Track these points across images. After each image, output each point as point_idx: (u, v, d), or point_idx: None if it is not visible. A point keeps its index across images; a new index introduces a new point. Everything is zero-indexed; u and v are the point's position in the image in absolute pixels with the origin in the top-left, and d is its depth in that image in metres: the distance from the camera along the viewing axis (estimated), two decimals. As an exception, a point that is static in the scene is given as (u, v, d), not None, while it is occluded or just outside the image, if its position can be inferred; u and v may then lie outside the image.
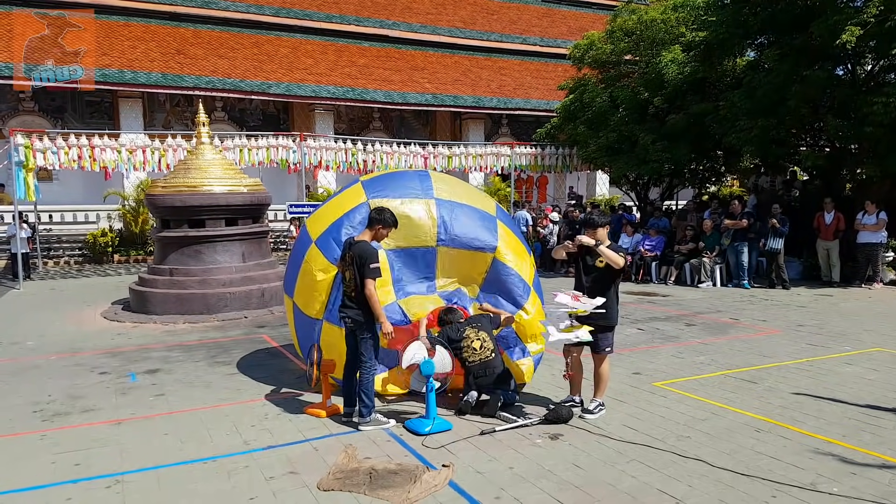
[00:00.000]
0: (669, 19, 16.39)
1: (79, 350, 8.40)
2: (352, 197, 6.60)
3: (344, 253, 5.58)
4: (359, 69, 24.90)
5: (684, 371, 7.03)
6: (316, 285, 6.17)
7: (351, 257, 5.40)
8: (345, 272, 5.52)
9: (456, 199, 6.55)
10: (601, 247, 5.46)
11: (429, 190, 6.51)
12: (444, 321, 5.89)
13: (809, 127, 14.14)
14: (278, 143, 18.82)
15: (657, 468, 4.53)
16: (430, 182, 6.64)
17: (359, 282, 5.33)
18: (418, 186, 6.55)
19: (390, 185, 6.60)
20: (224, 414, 5.80)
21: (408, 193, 6.45)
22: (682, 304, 11.34)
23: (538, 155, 22.30)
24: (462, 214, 6.39)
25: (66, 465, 4.73)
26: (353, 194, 6.65)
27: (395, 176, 7.02)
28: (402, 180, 6.73)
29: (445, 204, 6.41)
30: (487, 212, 6.65)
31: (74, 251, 19.06)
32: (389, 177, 7.02)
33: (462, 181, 7.62)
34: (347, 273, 5.47)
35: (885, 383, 6.48)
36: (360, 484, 4.29)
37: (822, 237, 13.18)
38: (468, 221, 6.36)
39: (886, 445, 4.88)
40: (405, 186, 6.55)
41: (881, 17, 11.33)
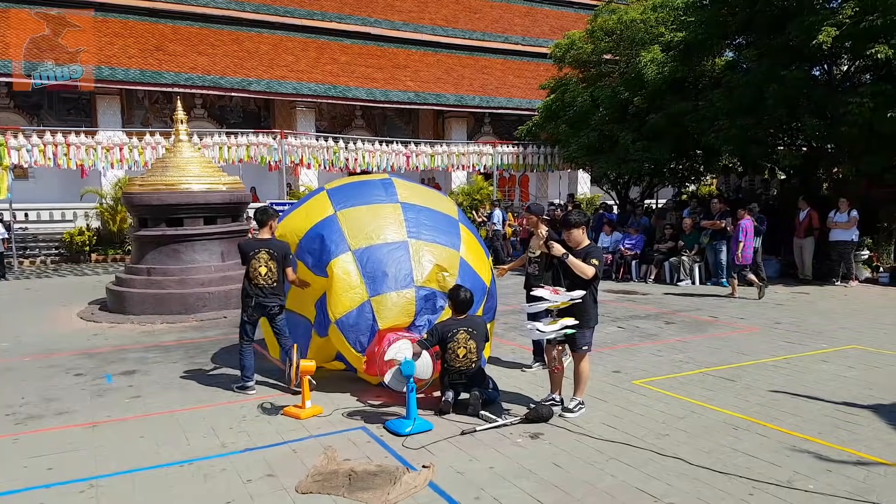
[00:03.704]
0: (649, 19, 16.50)
1: (54, 351, 8.27)
2: (319, 207, 6.72)
3: (256, 253, 6.29)
4: (341, 67, 24.78)
5: (663, 369, 7.07)
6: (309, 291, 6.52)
7: (271, 254, 6.27)
8: (261, 268, 6.28)
9: (420, 203, 6.77)
10: (570, 258, 5.44)
11: (393, 196, 6.72)
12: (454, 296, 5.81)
13: (787, 127, 14.29)
14: (259, 141, 18.71)
15: (636, 467, 4.55)
16: (394, 189, 6.85)
17: (281, 272, 6.29)
18: (383, 193, 6.77)
19: (356, 194, 6.78)
20: (201, 416, 5.74)
21: (374, 200, 6.66)
22: (662, 302, 11.42)
23: (520, 154, 22.38)
24: (427, 217, 6.57)
25: (39, 469, 4.65)
26: (319, 205, 6.77)
27: (360, 184, 7.16)
28: (367, 188, 6.92)
29: (411, 207, 6.61)
30: (450, 215, 6.87)
31: (51, 250, 18.77)
32: (354, 186, 7.14)
33: (424, 187, 7.82)
34: (263, 269, 6.28)
35: (860, 381, 6.56)
36: (339, 486, 4.26)
37: (796, 235, 13.37)
38: (434, 224, 6.54)
39: (862, 443, 4.94)
40: (370, 194, 6.76)
41: (856, 19, 11.47)
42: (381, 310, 5.97)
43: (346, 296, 5.99)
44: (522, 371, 7.06)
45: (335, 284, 6.04)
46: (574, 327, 5.44)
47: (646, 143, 15.79)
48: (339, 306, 5.99)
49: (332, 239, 6.30)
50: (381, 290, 6.01)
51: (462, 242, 6.54)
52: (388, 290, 6.01)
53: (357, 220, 6.42)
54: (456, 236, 6.55)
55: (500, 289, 12.63)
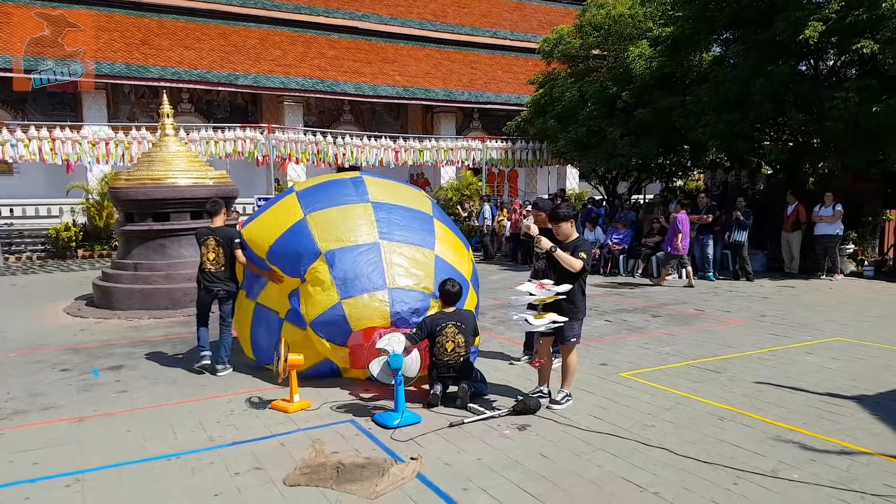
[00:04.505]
0: (637, 14, 16.53)
1: (40, 347, 8.21)
2: (288, 211, 6.66)
3: (205, 240, 6.76)
4: (328, 61, 24.68)
5: (650, 361, 7.12)
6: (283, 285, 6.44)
7: (217, 240, 6.70)
8: (209, 254, 6.72)
9: (392, 201, 6.72)
10: (557, 251, 5.46)
11: (364, 195, 6.66)
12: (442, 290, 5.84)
13: (773, 122, 14.39)
14: (246, 136, 18.61)
15: (622, 457, 4.58)
16: (364, 187, 6.78)
17: (228, 258, 6.68)
18: (353, 193, 6.71)
19: (326, 196, 6.71)
20: (188, 410, 5.72)
21: (344, 201, 6.59)
22: (649, 295, 11.48)
23: (509, 149, 22.37)
24: (399, 216, 6.52)
25: (24, 463, 4.62)
26: (288, 208, 6.71)
27: (330, 184, 7.07)
28: (337, 188, 6.85)
29: (382, 206, 6.56)
30: (424, 211, 6.81)
31: (37, 246, 18.60)
32: (324, 186, 7.04)
33: (397, 183, 7.65)
34: (212, 254, 6.71)
35: (844, 372, 6.63)
36: (327, 478, 4.27)
37: (783, 229, 13.48)
38: (406, 223, 6.49)
39: (845, 432, 5.00)
40: (341, 194, 6.69)
41: (842, 14, 11.55)
42: (352, 312, 5.92)
43: (318, 298, 5.98)
44: (510, 364, 7.09)
45: (307, 287, 6.05)
46: (562, 321, 5.47)
47: (633, 139, 15.85)
48: (312, 308, 5.99)
49: (303, 244, 6.26)
50: (352, 292, 5.96)
51: (437, 240, 6.49)
52: (360, 293, 5.96)
53: (327, 223, 6.36)
54: (430, 234, 6.50)
55: (488, 283, 12.75)
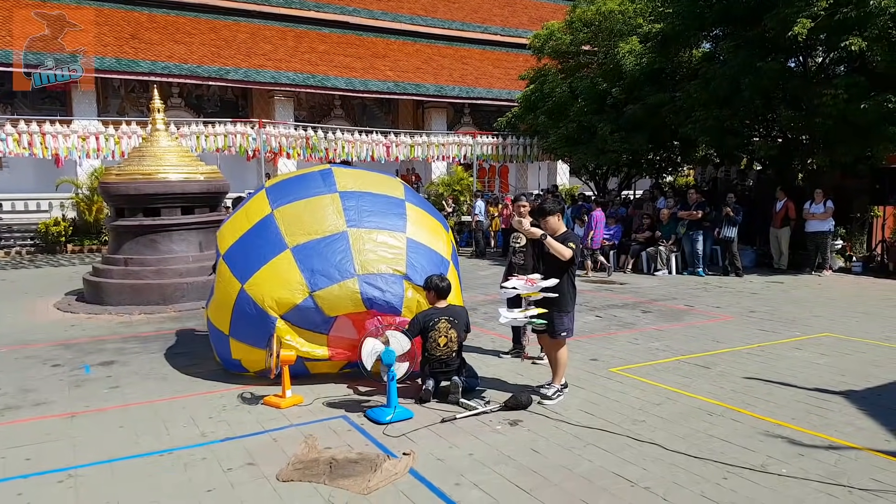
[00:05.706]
0: (627, 10, 16.58)
1: (31, 342, 8.17)
2: (257, 208, 6.65)
3: None
4: (319, 56, 24.60)
5: (640, 357, 7.17)
6: (224, 300, 6.24)
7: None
8: None
9: (361, 188, 6.73)
10: (548, 239, 5.49)
11: (332, 186, 6.68)
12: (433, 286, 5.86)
13: (762, 118, 14.48)
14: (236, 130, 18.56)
15: (613, 452, 4.62)
16: (332, 178, 6.79)
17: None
18: (321, 184, 6.72)
19: (294, 189, 6.72)
20: (181, 406, 5.72)
21: (312, 193, 6.59)
22: (639, 291, 11.54)
23: (500, 145, 22.42)
24: (368, 202, 6.53)
25: (16, 459, 4.62)
26: (257, 205, 6.70)
27: (299, 178, 7.08)
28: (306, 181, 6.86)
29: (350, 195, 6.57)
30: (395, 196, 6.82)
31: (26, 241, 18.48)
32: (293, 181, 7.07)
33: (368, 172, 7.62)
34: None
35: (832, 367, 6.71)
36: (319, 474, 4.29)
37: (773, 225, 13.59)
38: (375, 208, 6.50)
39: (833, 427, 5.06)
40: (308, 187, 6.71)
41: (831, 11, 11.62)
42: (324, 304, 5.92)
43: (286, 292, 5.92)
44: (499, 357, 7.13)
45: (275, 282, 5.98)
46: (546, 317, 5.50)
47: (624, 134, 15.91)
48: (281, 302, 5.93)
49: (269, 240, 6.22)
50: (321, 284, 5.92)
51: (408, 222, 6.48)
52: (330, 284, 5.92)
53: (294, 217, 6.35)
54: (401, 217, 6.50)
55: (479, 279, 12.79)
